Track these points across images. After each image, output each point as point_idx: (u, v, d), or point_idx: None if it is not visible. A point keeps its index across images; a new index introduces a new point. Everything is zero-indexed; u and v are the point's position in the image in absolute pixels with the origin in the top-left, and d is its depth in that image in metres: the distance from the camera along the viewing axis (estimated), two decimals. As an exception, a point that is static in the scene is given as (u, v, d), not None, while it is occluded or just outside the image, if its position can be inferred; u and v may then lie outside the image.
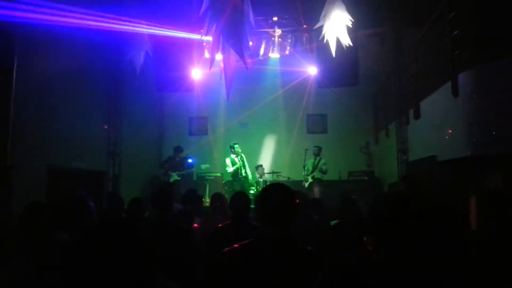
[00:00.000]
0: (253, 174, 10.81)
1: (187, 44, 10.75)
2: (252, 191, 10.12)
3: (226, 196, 6.49)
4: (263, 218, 2.18)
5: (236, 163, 10.15)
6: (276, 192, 2.21)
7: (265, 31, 10.74)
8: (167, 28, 8.89)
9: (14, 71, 6.29)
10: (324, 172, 10.36)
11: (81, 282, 1.43)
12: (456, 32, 5.95)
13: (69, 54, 7.80)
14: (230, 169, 10.18)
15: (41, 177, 7.10)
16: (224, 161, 10.43)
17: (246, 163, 10.35)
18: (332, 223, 3.85)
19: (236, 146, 10.27)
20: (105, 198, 7.19)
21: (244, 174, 10.21)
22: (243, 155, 10.34)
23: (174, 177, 10.32)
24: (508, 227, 2.49)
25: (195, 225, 4.50)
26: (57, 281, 2.22)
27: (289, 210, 2.16)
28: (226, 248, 2.16)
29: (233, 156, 10.22)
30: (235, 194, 3.80)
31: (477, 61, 5.65)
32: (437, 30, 7.08)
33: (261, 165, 11.03)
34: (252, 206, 3.90)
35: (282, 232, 2.11)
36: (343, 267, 1.53)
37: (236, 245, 2.16)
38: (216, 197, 4.84)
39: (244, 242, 2.17)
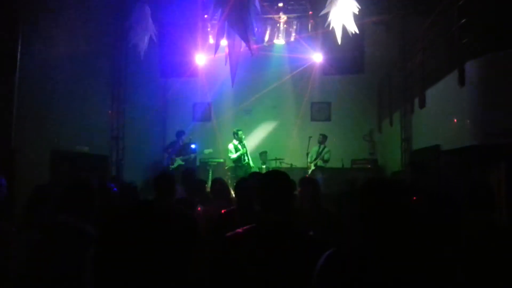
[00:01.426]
0: (256, 160, 10.81)
1: (191, 30, 10.67)
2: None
3: (229, 182, 6.50)
4: (263, 204, 2.22)
5: (239, 150, 10.14)
6: (275, 178, 2.26)
7: (270, 17, 10.64)
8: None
9: (18, 55, 6.27)
10: (325, 161, 10.36)
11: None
12: (464, 20, 5.87)
13: (73, 38, 7.76)
14: (234, 155, 10.17)
15: (44, 161, 7.12)
16: (227, 147, 10.42)
17: (247, 150, 10.35)
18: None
19: (239, 132, 10.26)
20: (108, 182, 7.20)
21: (247, 161, 10.21)
22: (245, 142, 10.33)
23: (178, 161, 10.34)
24: None
25: (199, 208, 4.50)
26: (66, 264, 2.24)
27: (288, 197, 2.20)
28: (229, 233, 2.18)
29: (236, 142, 10.21)
30: (240, 180, 3.80)
31: (485, 50, 5.58)
32: (444, 18, 6.99)
33: (265, 152, 11.04)
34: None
35: (282, 217, 2.15)
36: (342, 253, 1.53)
37: (239, 230, 2.17)
38: (217, 182, 4.81)
39: (246, 227, 2.18)
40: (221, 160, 11.45)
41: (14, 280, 2.38)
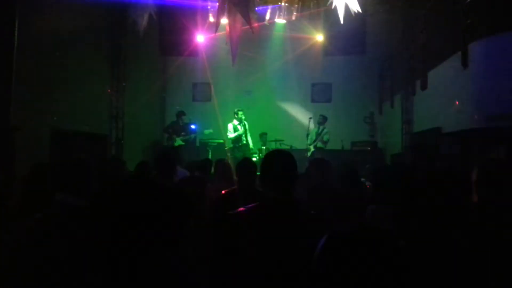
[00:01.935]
0: (256, 142, 10.79)
1: (191, 7, 10.50)
2: (254, 159, 10.11)
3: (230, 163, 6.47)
4: (266, 183, 2.23)
5: (238, 130, 10.10)
6: (279, 157, 2.28)
7: (272, -5, 10.45)
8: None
9: (16, 32, 6.18)
10: (325, 142, 10.32)
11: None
12: (469, 0, 5.78)
13: (72, 15, 7.64)
14: (232, 134, 10.10)
15: (44, 139, 7.10)
16: (227, 127, 10.38)
17: (247, 131, 10.31)
18: None
19: (240, 112, 10.19)
20: (108, 161, 7.20)
21: (244, 142, 10.16)
22: (246, 122, 10.28)
23: (178, 141, 10.32)
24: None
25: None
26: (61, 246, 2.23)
27: (291, 175, 2.20)
28: (231, 211, 2.19)
29: (236, 122, 10.15)
30: (242, 160, 3.79)
31: (489, 31, 5.50)
32: (449, -2, 6.88)
33: (265, 133, 11.00)
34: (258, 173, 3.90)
35: (285, 196, 2.15)
36: (343, 233, 1.53)
37: (241, 208, 2.18)
38: (220, 164, 4.83)
39: (249, 205, 2.19)
40: (221, 141, 11.42)
41: (10, 260, 2.38)
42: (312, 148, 10.30)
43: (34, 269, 2.26)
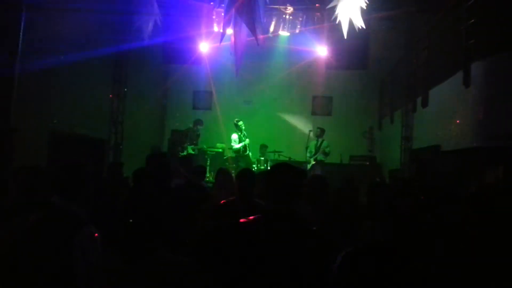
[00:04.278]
0: (255, 152, 10.77)
1: (196, 16, 10.54)
2: (253, 169, 10.09)
3: (233, 173, 6.46)
4: (270, 196, 2.21)
5: (243, 140, 10.10)
6: (285, 171, 2.25)
7: (276, 8, 10.50)
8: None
9: (20, 36, 6.20)
10: (327, 154, 10.33)
11: None
12: (472, 20, 5.82)
13: (76, 20, 7.67)
14: (237, 145, 10.09)
15: (42, 142, 7.08)
16: (229, 137, 10.35)
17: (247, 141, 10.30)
18: None
19: (239, 123, 10.19)
20: (106, 166, 7.18)
21: (248, 152, 10.16)
22: (245, 132, 10.28)
23: (189, 150, 10.19)
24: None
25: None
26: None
27: (296, 190, 2.19)
28: (233, 221, 2.17)
29: (240, 133, 10.17)
30: (242, 170, 3.77)
31: (491, 51, 5.53)
32: (452, 17, 6.93)
33: (265, 145, 10.94)
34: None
35: (287, 210, 2.14)
36: (361, 250, 1.56)
37: (242, 220, 2.16)
38: (221, 172, 4.76)
39: (251, 217, 2.18)
40: (220, 150, 11.40)
41: (3, 260, 2.37)
42: (312, 161, 10.29)
43: (23, 269, 2.25)
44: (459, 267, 1.89)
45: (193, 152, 10.25)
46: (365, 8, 7.57)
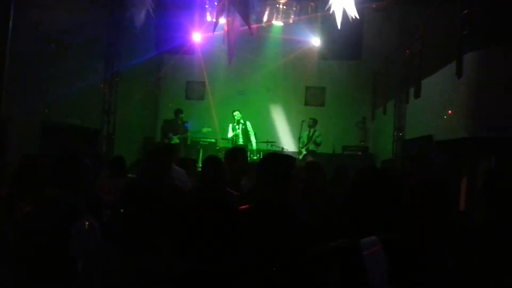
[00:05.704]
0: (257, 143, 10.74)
1: (189, 5, 10.46)
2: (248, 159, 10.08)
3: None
4: (262, 185, 2.25)
5: (235, 130, 10.14)
6: (274, 160, 2.32)
7: (270, -3, 10.46)
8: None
9: (10, 23, 6.10)
10: (318, 144, 10.38)
11: None
12: (466, 11, 5.83)
13: (68, 8, 7.57)
14: (230, 134, 10.18)
15: (35, 132, 7.02)
16: (222, 127, 10.40)
17: (250, 131, 10.29)
18: None
19: (234, 113, 10.22)
20: (99, 156, 7.13)
21: (241, 142, 10.14)
22: (248, 122, 10.28)
23: (175, 140, 10.25)
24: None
25: None
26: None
27: (285, 178, 2.22)
28: (241, 207, 2.19)
29: (234, 123, 10.22)
30: (206, 158, 3.66)
31: (485, 43, 5.56)
32: (446, 8, 6.93)
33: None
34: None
35: (279, 199, 2.17)
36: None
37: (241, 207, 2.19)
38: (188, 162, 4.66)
39: (243, 206, 2.21)
40: (213, 140, 11.39)
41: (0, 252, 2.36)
42: (304, 151, 10.34)
43: (18, 261, 2.24)
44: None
45: (178, 142, 10.28)
46: (359, -2, 7.56)
